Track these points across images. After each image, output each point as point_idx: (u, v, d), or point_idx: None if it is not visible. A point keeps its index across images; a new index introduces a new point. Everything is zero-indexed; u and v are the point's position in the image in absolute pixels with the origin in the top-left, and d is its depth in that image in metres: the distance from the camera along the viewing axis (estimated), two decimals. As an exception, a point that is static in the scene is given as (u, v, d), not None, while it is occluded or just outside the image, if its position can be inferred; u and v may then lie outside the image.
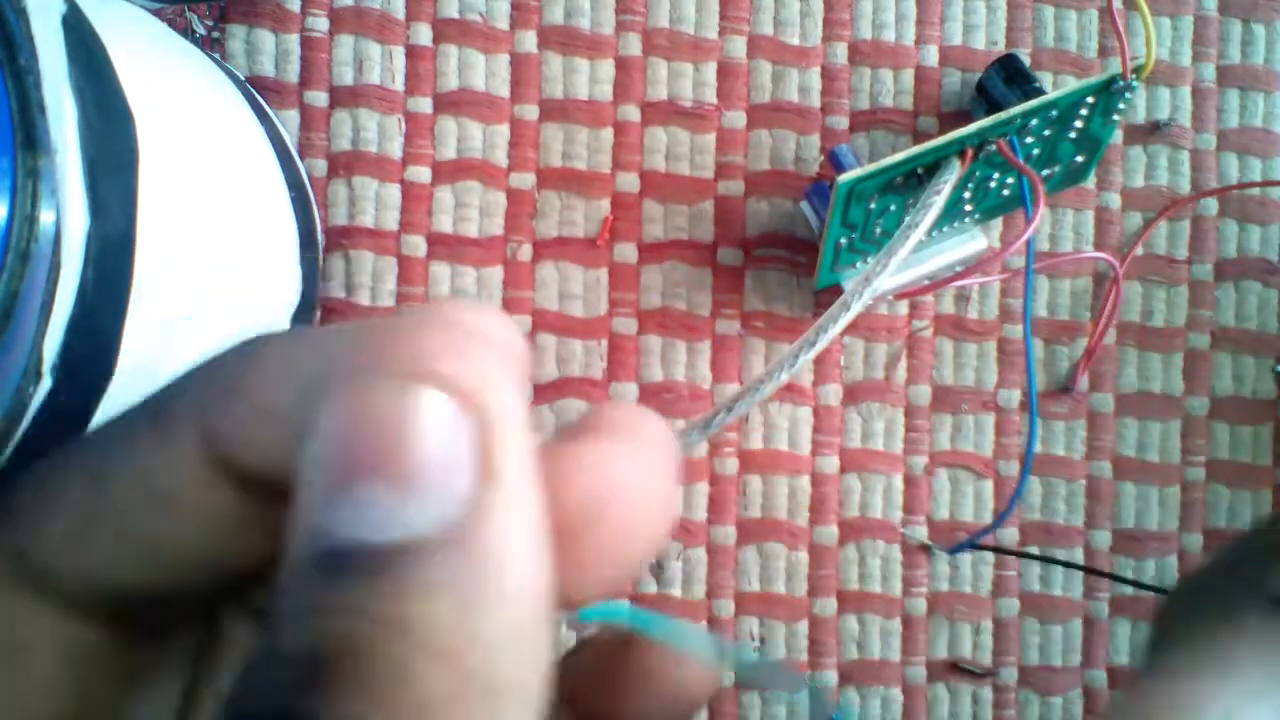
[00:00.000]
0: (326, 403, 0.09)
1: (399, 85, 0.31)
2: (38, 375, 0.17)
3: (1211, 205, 0.32)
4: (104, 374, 0.19)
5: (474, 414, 0.09)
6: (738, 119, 0.31)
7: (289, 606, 0.09)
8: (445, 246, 0.31)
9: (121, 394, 0.19)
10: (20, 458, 0.17)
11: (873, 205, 0.28)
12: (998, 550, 0.32)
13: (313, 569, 0.09)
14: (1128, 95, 0.28)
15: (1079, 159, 0.30)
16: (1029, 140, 0.28)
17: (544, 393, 0.31)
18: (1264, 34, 0.32)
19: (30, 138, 0.17)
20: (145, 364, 0.20)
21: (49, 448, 0.18)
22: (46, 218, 0.17)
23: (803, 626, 0.31)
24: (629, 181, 0.31)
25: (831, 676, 0.31)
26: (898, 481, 0.32)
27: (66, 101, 0.17)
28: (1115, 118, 0.29)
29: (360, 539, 0.09)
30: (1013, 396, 0.32)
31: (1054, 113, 0.27)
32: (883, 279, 0.26)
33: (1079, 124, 0.28)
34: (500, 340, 0.10)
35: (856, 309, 0.26)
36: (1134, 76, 0.27)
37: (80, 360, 0.18)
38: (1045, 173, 0.30)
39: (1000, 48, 0.32)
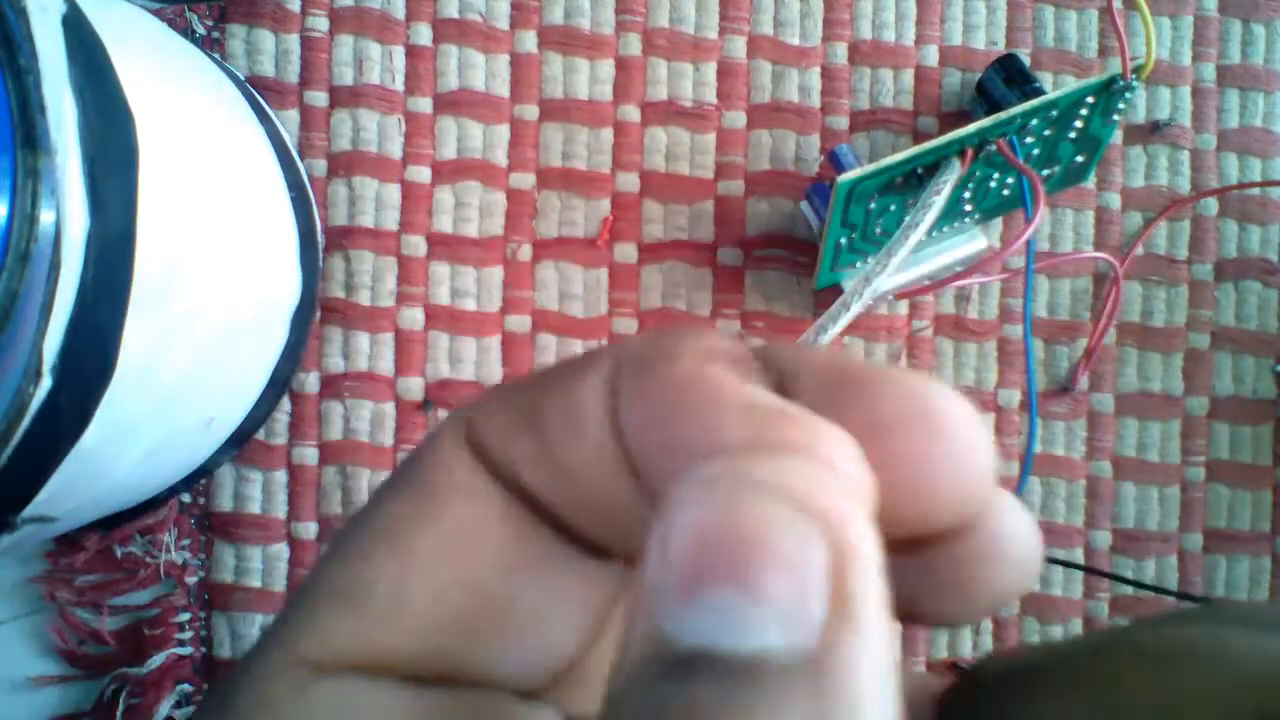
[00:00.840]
0: (679, 500, 0.09)
1: (399, 85, 0.31)
2: (38, 375, 0.17)
3: (1211, 205, 0.32)
4: (104, 374, 0.19)
5: (829, 543, 0.09)
6: (738, 119, 0.31)
7: (629, 700, 0.09)
8: (445, 246, 0.31)
9: (121, 394, 0.19)
10: (21, 457, 0.17)
11: (873, 205, 0.28)
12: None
13: (653, 665, 0.08)
14: (1128, 95, 0.28)
15: (1079, 159, 0.30)
16: (1029, 140, 0.28)
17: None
18: (1264, 34, 0.32)
19: (30, 137, 0.17)
20: (145, 364, 0.20)
21: (49, 447, 0.18)
22: (46, 217, 0.17)
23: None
24: (629, 181, 0.31)
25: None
26: (898, 481, 0.32)
27: (66, 101, 0.17)
28: (1115, 118, 0.29)
29: (711, 646, 0.08)
30: (1013, 396, 0.32)
31: (1054, 113, 0.27)
32: (883, 279, 0.26)
33: (1079, 124, 0.28)
34: (856, 475, 0.10)
35: (857, 308, 0.26)
36: (1134, 76, 0.27)
37: (80, 360, 0.18)
38: (1045, 173, 0.30)
39: (1000, 48, 0.32)
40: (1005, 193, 0.30)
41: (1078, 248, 0.32)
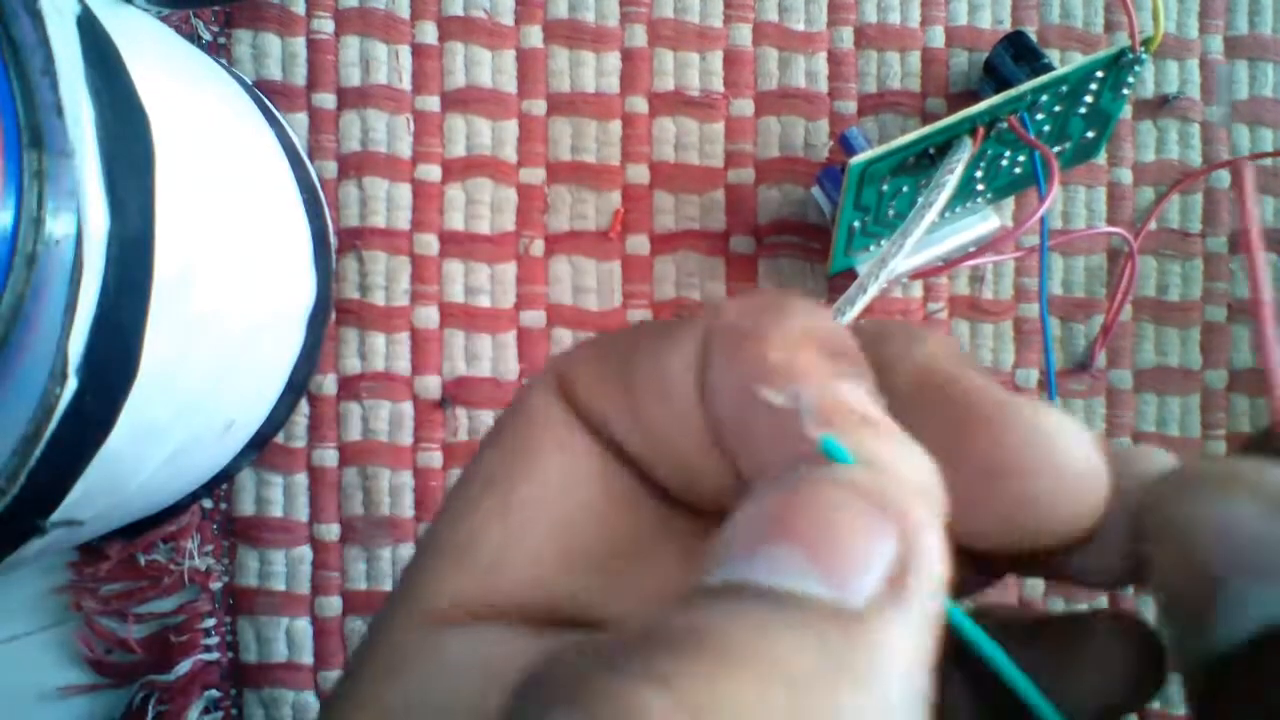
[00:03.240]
0: (767, 485, 0.10)
1: (406, 84, 0.31)
2: (63, 376, 0.17)
3: (1223, 178, 0.32)
4: (128, 374, 0.19)
5: (900, 540, 0.10)
6: (746, 107, 0.31)
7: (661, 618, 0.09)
8: (458, 244, 0.31)
9: (145, 395, 0.19)
10: (50, 459, 0.17)
11: (885, 187, 0.28)
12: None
13: (715, 589, 0.09)
14: (1137, 69, 0.28)
15: (1089, 135, 0.30)
16: (1039, 117, 0.28)
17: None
18: (1271, 3, 0.32)
19: (36, 137, 0.17)
20: (166, 366, 0.20)
21: (76, 449, 0.18)
22: (67, 218, 0.17)
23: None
24: (639, 173, 0.31)
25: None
26: (918, 464, 0.32)
27: (84, 102, 0.17)
28: (1125, 92, 0.29)
29: (754, 579, 0.09)
30: (1031, 376, 0.32)
31: (1064, 88, 0.27)
32: (899, 259, 0.26)
33: (1089, 99, 0.28)
34: (932, 493, 0.10)
35: (873, 290, 0.26)
36: (1142, 49, 0.27)
37: (104, 361, 0.18)
38: (1056, 149, 0.30)
39: (1006, 26, 0.32)
40: (1017, 171, 0.30)
41: (1090, 224, 0.32)
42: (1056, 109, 0.28)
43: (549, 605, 0.12)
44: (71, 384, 0.17)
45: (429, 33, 0.31)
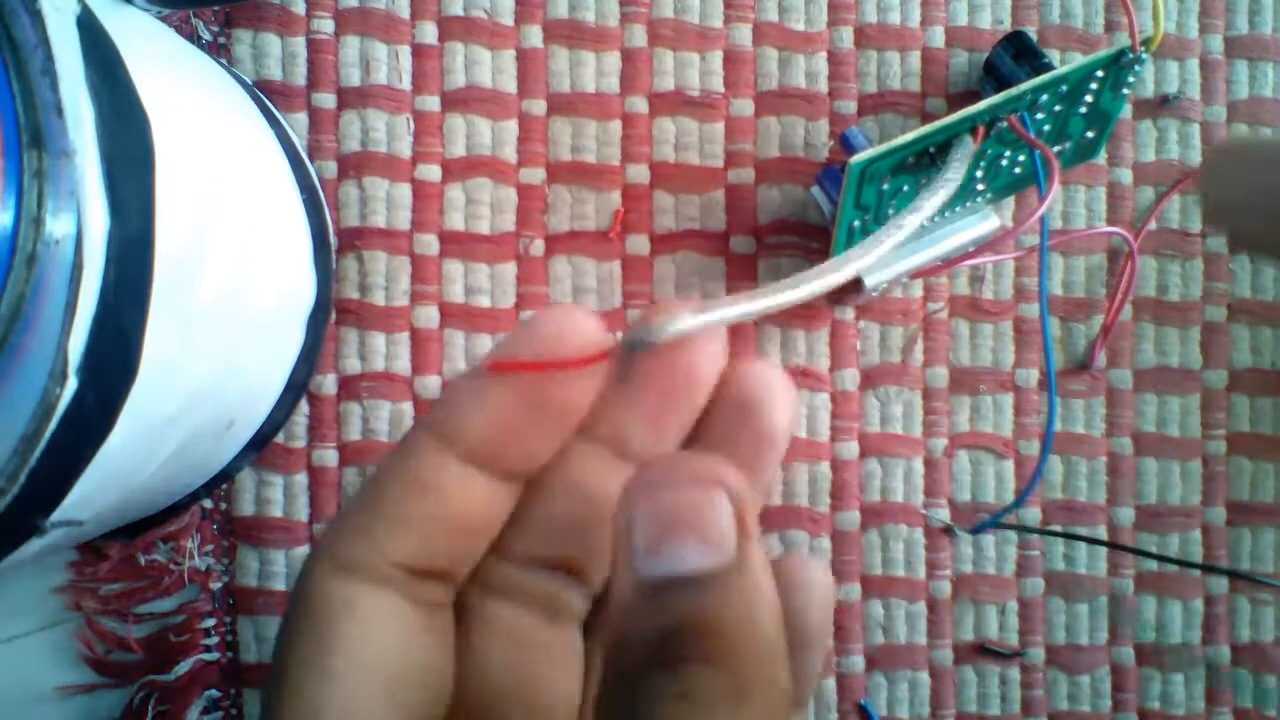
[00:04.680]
0: (640, 495, 0.15)
1: (406, 84, 0.31)
2: (63, 376, 0.17)
3: (1223, 177, 0.32)
4: (128, 375, 0.19)
5: (738, 497, 0.15)
6: (746, 107, 0.31)
7: (631, 615, 0.15)
8: (458, 244, 0.31)
9: (145, 394, 0.19)
10: (50, 459, 0.17)
11: (885, 186, 0.28)
12: (1020, 529, 0.32)
13: (644, 592, 0.14)
14: (1137, 68, 0.28)
15: (1089, 135, 0.30)
16: (1039, 117, 0.28)
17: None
18: (1271, 3, 0.32)
19: (36, 137, 0.17)
20: (167, 365, 0.20)
21: (77, 449, 0.18)
22: (66, 218, 0.17)
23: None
24: (639, 173, 0.31)
25: (858, 662, 0.31)
26: (918, 465, 0.32)
27: (84, 101, 0.17)
28: (1125, 91, 0.29)
29: (678, 572, 0.14)
30: (1031, 375, 0.32)
31: (1064, 88, 0.27)
32: (919, 215, 0.25)
33: (1089, 99, 0.28)
34: (730, 469, 0.16)
35: (890, 242, 0.25)
36: (1143, 49, 0.27)
37: (104, 360, 0.18)
38: (1056, 149, 0.30)
39: (1006, 26, 0.32)
40: (1017, 171, 0.30)
41: (1090, 224, 0.32)
42: (1056, 109, 0.28)
43: None
44: (71, 384, 0.17)
45: (429, 33, 0.31)
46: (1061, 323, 0.32)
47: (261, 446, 0.30)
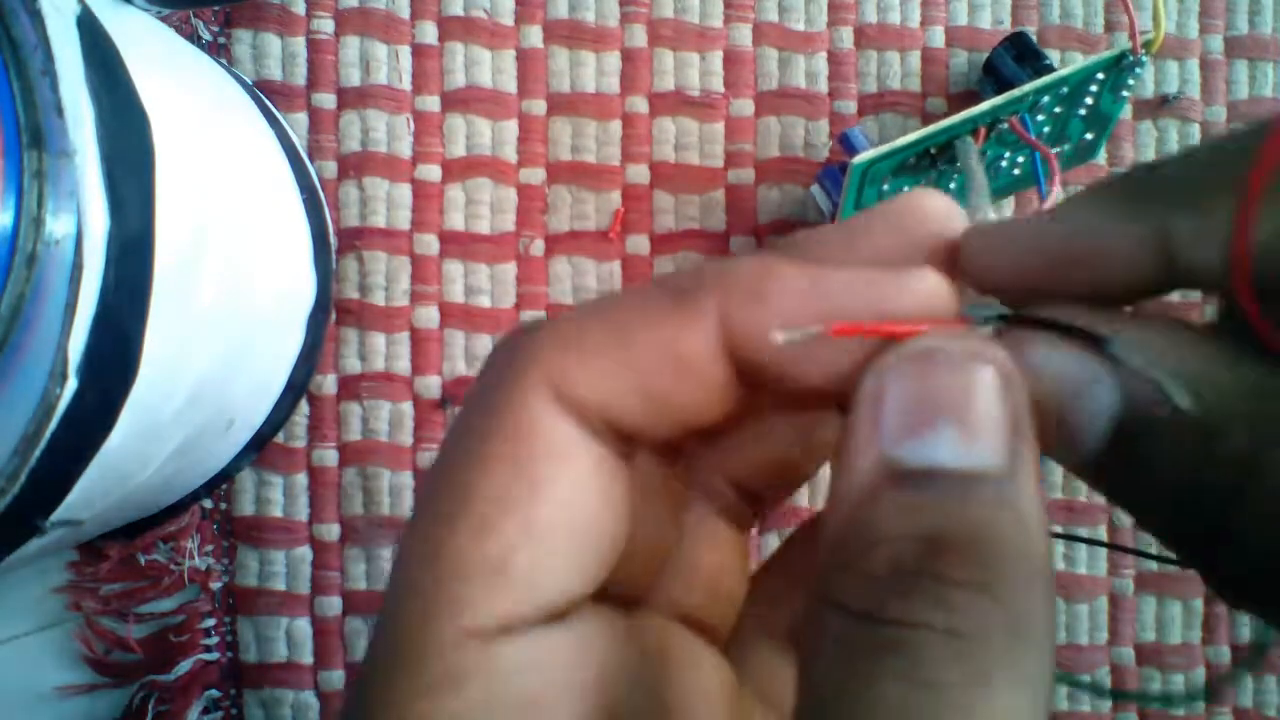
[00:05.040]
0: (898, 362, 0.13)
1: (406, 85, 0.31)
2: (63, 376, 0.17)
3: (1223, 178, 0.32)
4: (128, 374, 0.19)
5: (1013, 391, 0.12)
6: (745, 107, 0.31)
7: (871, 507, 0.12)
8: (458, 244, 0.31)
9: (145, 394, 0.19)
10: (50, 459, 0.17)
11: (886, 187, 0.28)
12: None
13: (892, 478, 0.12)
14: (1137, 70, 0.28)
15: (1088, 136, 0.30)
16: (1040, 118, 0.28)
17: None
18: (1271, 3, 0.32)
19: (36, 137, 0.17)
20: (167, 365, 0.20)
21: (77, 449, 0.18)
22: (66, 218, 0.17)
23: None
24: (639, 173, 0.31)
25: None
26: (918, 465, 0.32)
27: (84, 102, 0.17)
28: (1124, 94, 0.29)
29: (937, 463, 0.12)
30: (1030, 376, 0.32)
31: (1064, 89, 0.27)
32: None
33: (1089, 100, 0.28)
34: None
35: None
36: (1143, 51, 0.27)
37: (104, 361, 0.18)
38: (1056, 150, 0.30)
39: (1006, 26, 0.32)
40: (1016, 172, 0.30)
41: (1091, 224, 0.32)
42: (1057, 110, 0.28)
43: (572, 600, 0.13)
44: (71, 384, 0.17)
45: (429, 33, 0.31)
46: (1061, 323, 0.32)
47: (261, 446, 0.30)
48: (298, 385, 0.29)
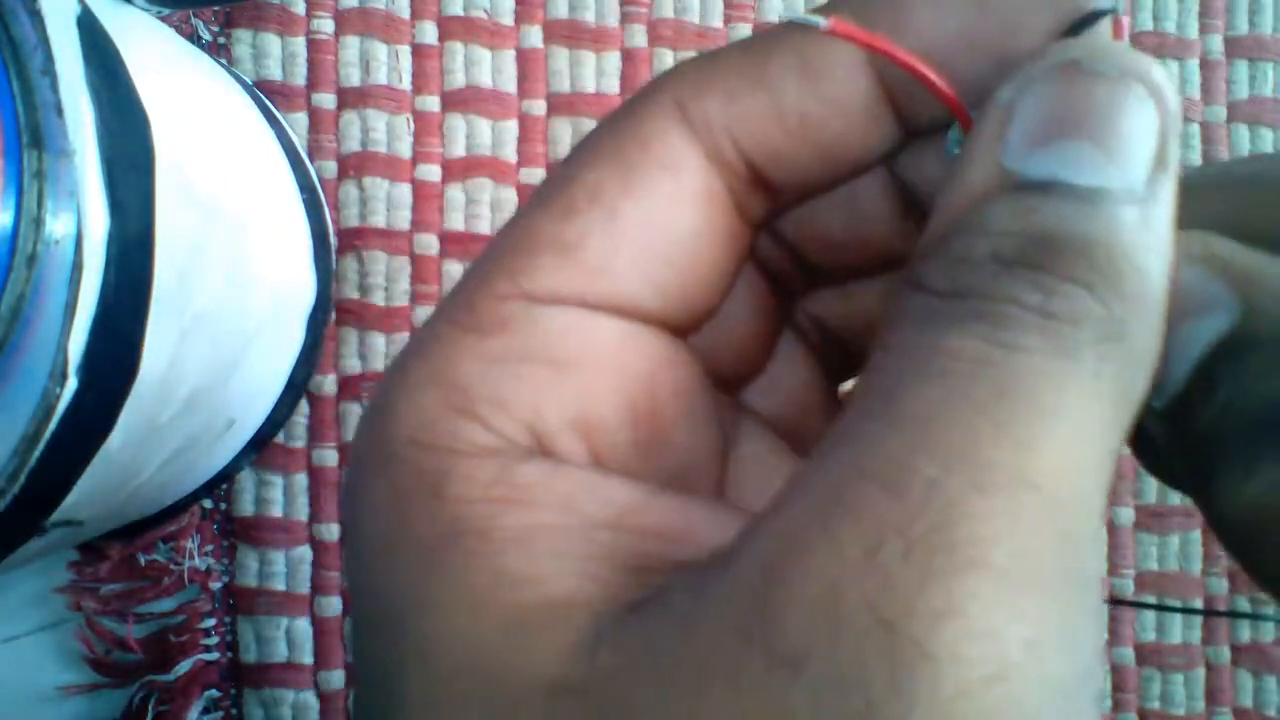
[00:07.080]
0: (1038, 77, 0.11)
1: (406, 85, 0.31)
2: (63, 376, 0.17)
3: (1223, 177, 0.32)
4: (128, 375, 0.19)
5: (1165, 117, 0.11)
6: (746, 107, 0.31)
7: (981, 210, 0.11)
8: (458, 244, 0.31)
9: (145, 395, 0.19)
10: (50, 459, 0.17)
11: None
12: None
13: (1009, 187, 0.11)
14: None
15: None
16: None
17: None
18: (1271, 3, 0.32)
19: (36, 137, 0.17)
20: (167, 365, 0.20)
21: (77, 449, 0.18)
22: (66, 218, 0.17)
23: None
24: (639, 173, 0.31)
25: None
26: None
27: (84, 102, 0.17)
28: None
29: (1064, 179, 0.11)
30: (1030, 375, 0.32)
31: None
32: None
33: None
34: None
35: None
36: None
37: (104, 361, 0.18)
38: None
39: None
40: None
41: (1091, 224, 0.32)
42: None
43: (631, 306, 0.13)
44: (71, 384, 0.17)
45: (429, 33, 0.31)
46: (1061, 323, 0.32)
47: (261, 446, 0.30)
48: (297, 385, 0.29)
